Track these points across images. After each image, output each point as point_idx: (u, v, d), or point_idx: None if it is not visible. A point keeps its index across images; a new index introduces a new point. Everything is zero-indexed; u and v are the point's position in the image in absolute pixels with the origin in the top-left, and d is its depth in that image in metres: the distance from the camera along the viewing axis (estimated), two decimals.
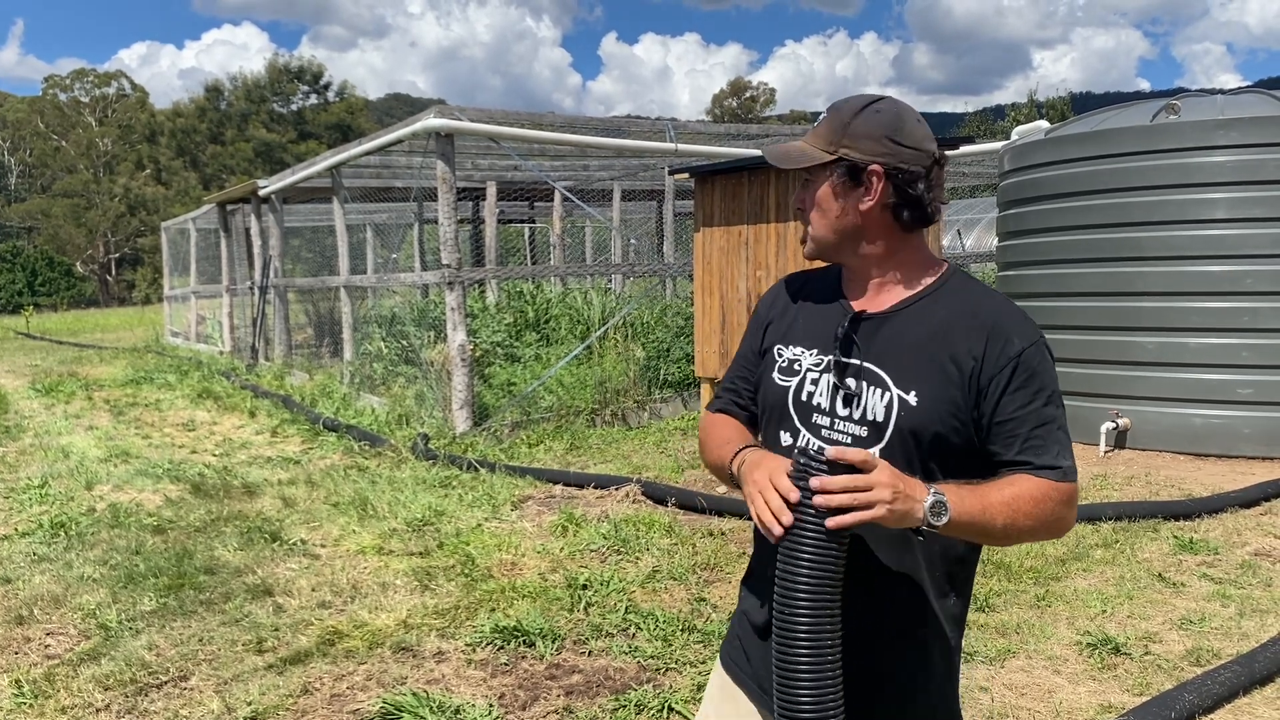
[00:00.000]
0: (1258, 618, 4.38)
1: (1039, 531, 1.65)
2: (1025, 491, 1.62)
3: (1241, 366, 7.46)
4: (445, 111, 9.39)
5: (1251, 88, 8.90)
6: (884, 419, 1.68)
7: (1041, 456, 1.64)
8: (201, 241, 21.34)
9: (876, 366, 1.71)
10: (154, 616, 4.73)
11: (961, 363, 1.65)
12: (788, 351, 1.83)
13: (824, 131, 1.74)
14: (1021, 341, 1.66)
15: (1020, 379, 1.64)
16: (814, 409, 1.76)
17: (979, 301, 1.72)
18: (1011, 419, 1.64)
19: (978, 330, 1.66)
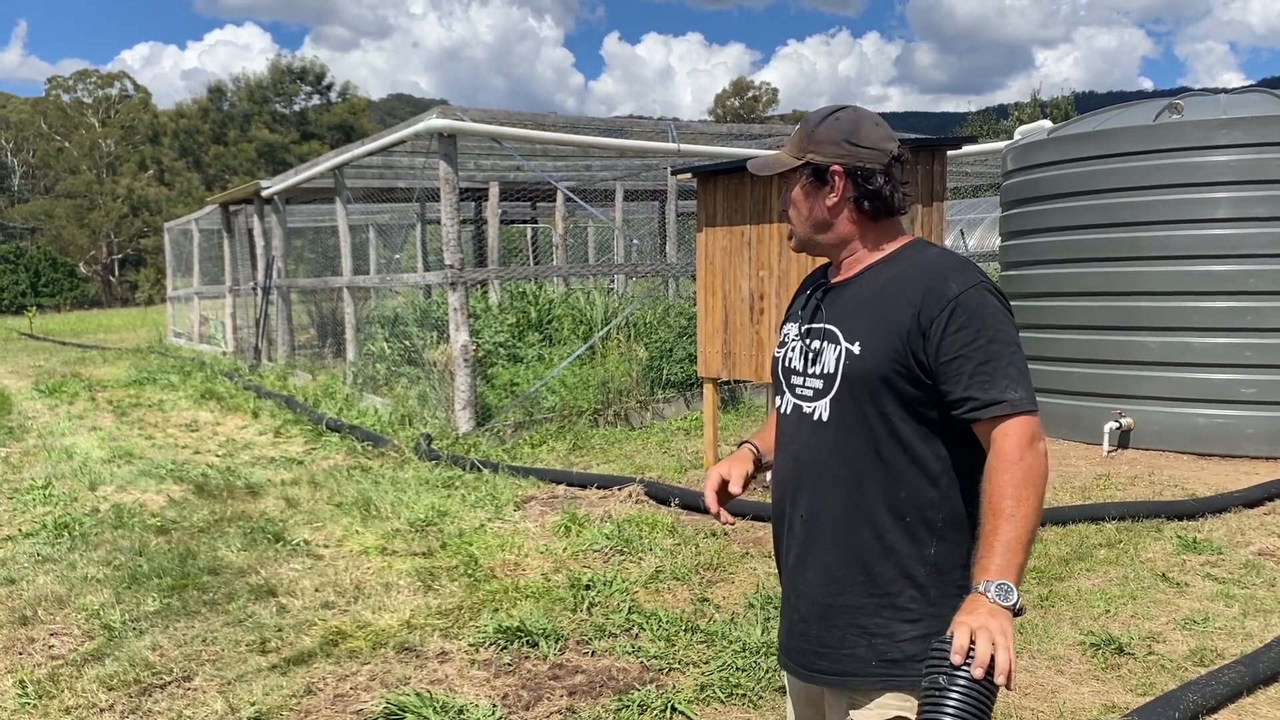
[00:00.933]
0: (1261, 617, 4.37)
1: (1041, 486, 1.73)
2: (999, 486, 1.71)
3: (1245, 366, 7.46)
4: (448, 112, 9.39)
5: (1254, 87, 8.89)
6: (834, 370, 1.90)
7: (988, 391, 1.75)
8: (204, 242, 21.35)
9: (833, 326, 1.93)
10: (157, 617, 4.74)
11: (902, 312, 1.81)
12: (786, 327, 2.10)
13: (795, 141, 1.97)
14: (959, 285, 1.80)
15: (960, 319, 1.77)
16: (791, 371, 2.01)
17: (923, 259, 1.90)
18: (956, 357, 1.76)
19: (917, 281, 1.83)
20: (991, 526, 1.70)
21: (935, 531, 1.84)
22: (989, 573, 1.66)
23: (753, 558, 5.37)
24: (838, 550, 1.88)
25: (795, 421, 1.97)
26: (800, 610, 1.95)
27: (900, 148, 1.92)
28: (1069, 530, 5.64)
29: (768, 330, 6.90)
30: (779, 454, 2.04)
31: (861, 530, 1.86)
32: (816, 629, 1.92)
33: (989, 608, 1.62)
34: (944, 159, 6.42)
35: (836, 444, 1.88)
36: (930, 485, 1.83)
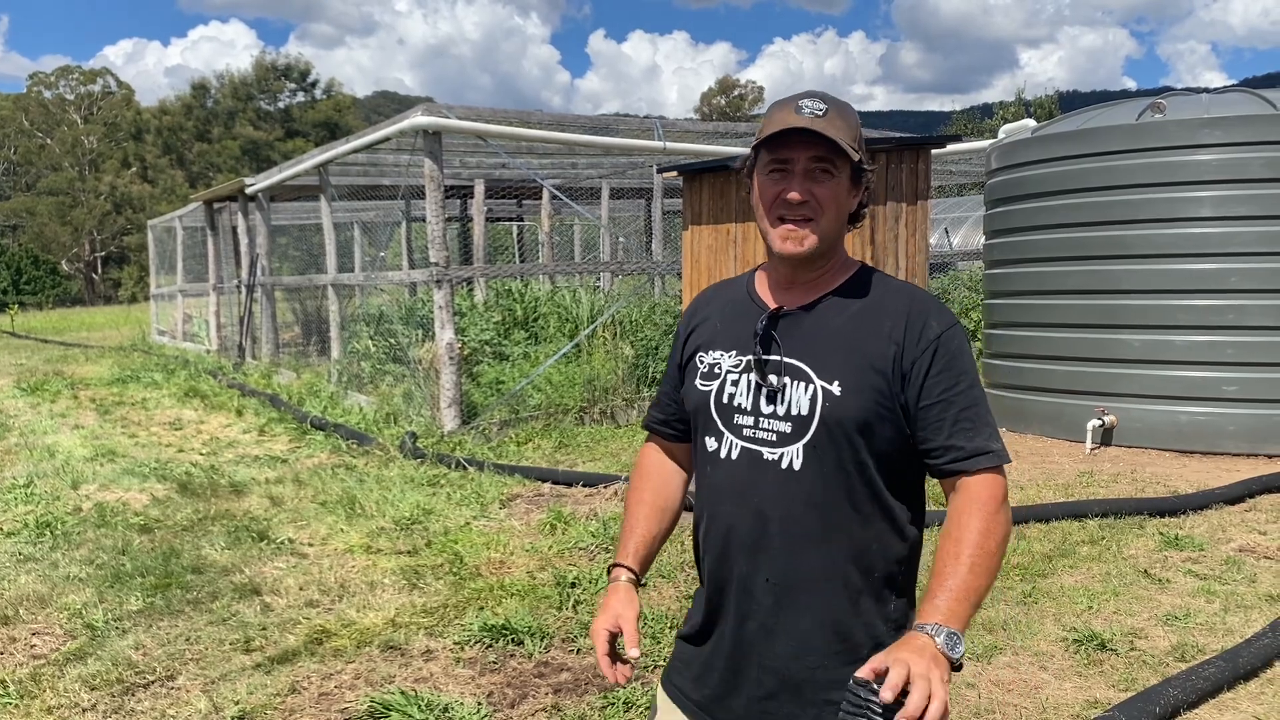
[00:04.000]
0: (1242, 613, 4.41)
1: (1002, 548, 1.62)
2: (974, 535, 1.59)
3: (1227, 364, 7.51)
4: (433, 109, 9.37)
5: (1236, 87, 8.95)
6: (808, 411, 1.67)
7: (973, 440, 1.65)
8: (188, 240, 21.24)
9: (798, 360, 1.71)
10: (141, 616, 4.71)
11: (883, 349, 1.66)
12: (708, 357, 1.82)
13: (845, 128, 1.68)
14: (939, 325, 1.68)
15: (942, 362, 1.66)
16: (735, 410, 1.75)
17: (894, 290, 1.75)
18: (938, 402, 1.65)
19: (895, 316, 1.68)
20: (951, 569, 1.57)
21: (897, 587, 1.73)
22: (939, 614, 1.52)
23: None
24: (812, 617, 1.69)
25: (747, 469, 1.72)
26: (766, 686, 1.72)
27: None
28: (1052, 527, 5.67)
29: None
30: (719, 505, 1.77)
31: (837, 593, 1.68)
32: (789, 706, 1.71)
33: (933, 653, 1.46)
34: (928, 158, 6.45)
35: (811, 497, 1.66)
36: (899, 539, 1.72)
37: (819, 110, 1.66)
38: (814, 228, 1.70)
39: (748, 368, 1.75)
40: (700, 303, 1.95)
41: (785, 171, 1.70)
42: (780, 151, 1.69)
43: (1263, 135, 7.45)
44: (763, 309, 1.78)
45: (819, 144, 1.66)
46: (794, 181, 1.69)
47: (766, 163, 1.72)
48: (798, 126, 1.65)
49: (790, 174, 1.69)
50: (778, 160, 1.70)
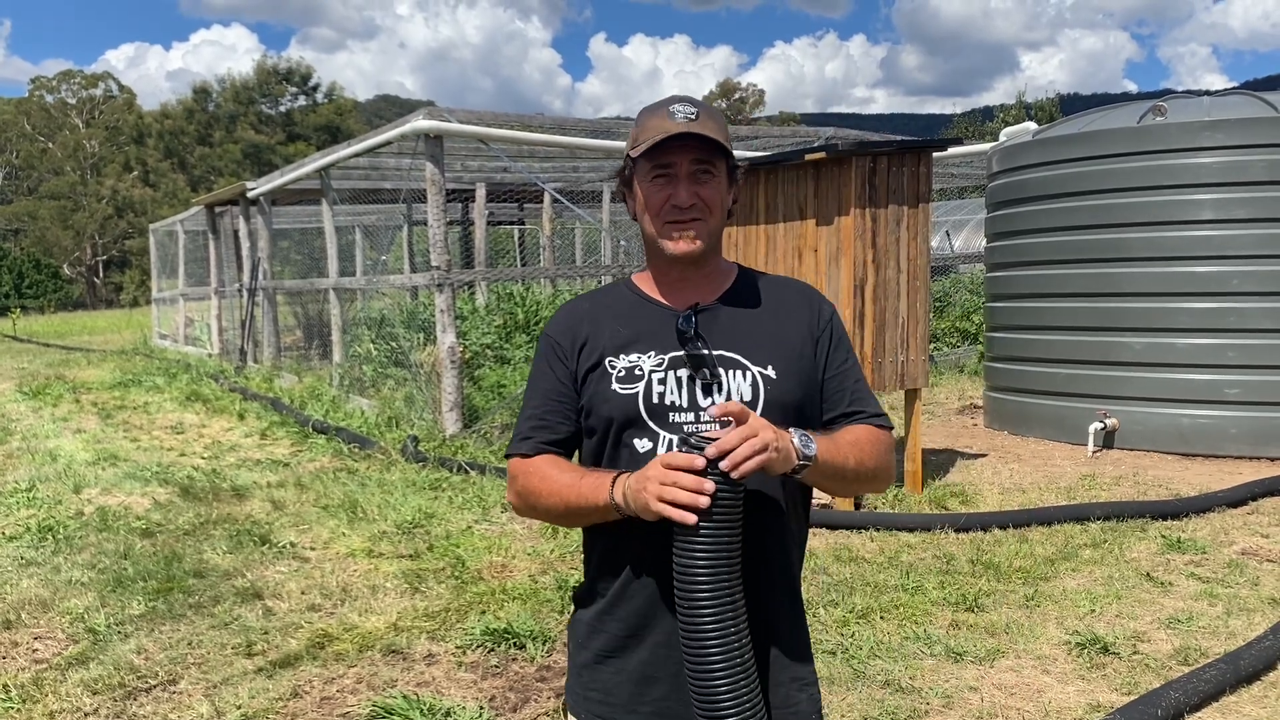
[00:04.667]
0: (1244, 616, 4.40)
1: (878, 475, 1.79)
2: (864, 436, 1.77)
3: (1228, 367, 7.50)
4: (434, 113, 9.38)
5: (1237, 89, 8.96)
6: (752, 397, 1.74)
7: (869, 405, 1.83)
8: (190, 244, 21.25)
9: (729, 351, 1.77)
10: (143, 620, 4.71)
11: (798, 332, 1.81)
12: (622, 360, 1.78)
13: (717, 128, 1.73)
14: (827, 306, 1.88)
15: (837, 337, 1.84)
16: (670, 408, 1.74)
17: (783, 282, 1.91)
18: (839, 374, 1.83)
19: (800, 301, 1.85)
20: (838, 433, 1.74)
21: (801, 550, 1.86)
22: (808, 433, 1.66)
23: None
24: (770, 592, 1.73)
25: None
26: None
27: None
28: (1054, 530, 5.66)
29: None
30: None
31: (776, 570, 1.75)
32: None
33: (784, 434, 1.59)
34: (930, 161, 6.45)
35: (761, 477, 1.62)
36: (804, 508, 1.86)
37: (691, 114, 1.72)
38: (702, 228, 1.76)
39: (674, 364, 1.75)
40: (577, 315, 1.87)
41: (669, 177, 1.73)
42: (662, 157, 1.73)
43: (1264, 138, 7.45)
44: (668, 309, 1.81)
45: (700, 146, 1.71)
46: (680, 186, 1.73)
47: (648, 170, 1.75)
48: (678, 132, 1.69)
49: (675, 178, 1.73)
50: (660, 166, 1.73)
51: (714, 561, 1.54)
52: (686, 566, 1.55)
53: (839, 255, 6.20)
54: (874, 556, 5.32)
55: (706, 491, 1.51)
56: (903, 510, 6.28)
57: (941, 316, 14.70)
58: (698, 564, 1.54)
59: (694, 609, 1.55)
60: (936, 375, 12.01)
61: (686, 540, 1.55)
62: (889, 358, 6.36)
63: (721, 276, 1.86)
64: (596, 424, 1.80)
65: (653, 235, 1.78)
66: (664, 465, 1.56)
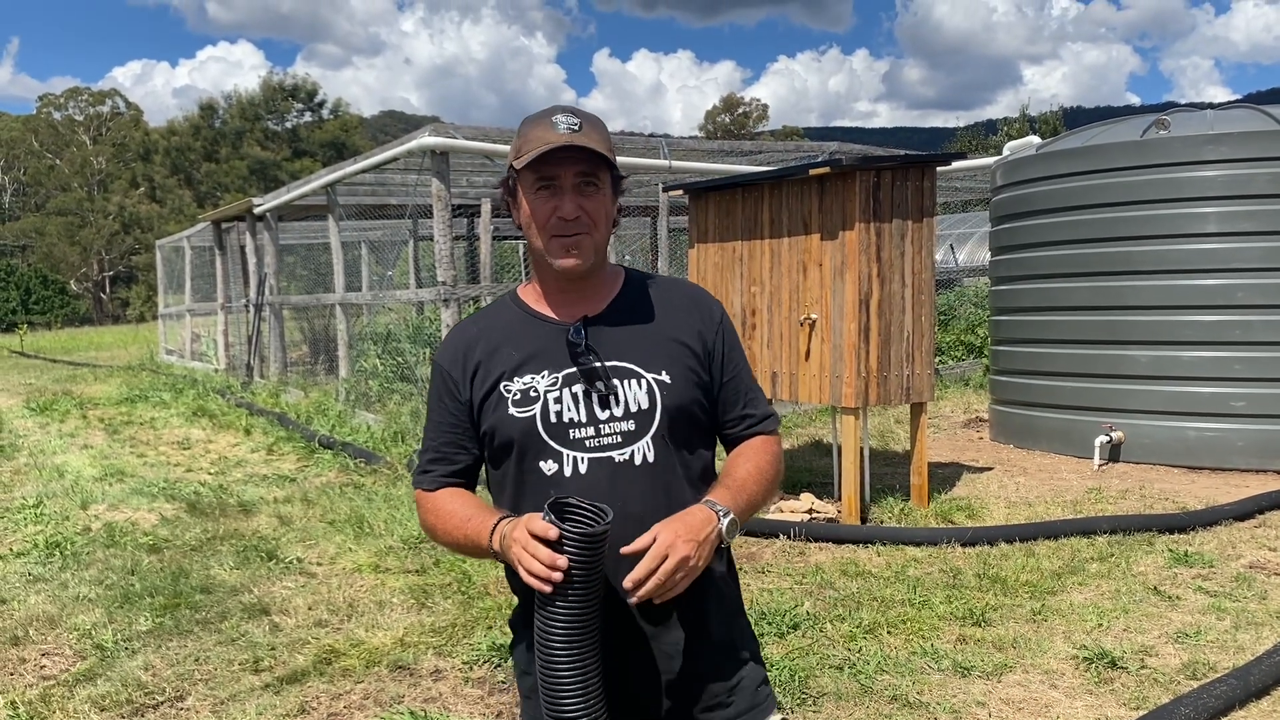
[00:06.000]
0: (1253, 630, 4.39)
1: (776, 485, 1.87)
2: (762, 456, 1.84)
3: (1234, 379, 7.50)
4: (440, 129, 9.43)
5: (1240, 103, 8.97)
6: (650, 404, 1.75)
7: (759, 407, 1.89)
8: (196, 259, 21.33)
9: (621, 361, 1.77)
10: (150, 636, 4.72)
11: (689, 336, 1.82)
12: (515, 384, 1.77)
13: (600, 139, 1.71)
14: (716, 309, 1.88)
15: (729, 340, 1.86)
16: (568, 425, 1.74)
17: (670, 285, 1.91)
18: (734, 377, 1.86)
19: (687, 306, 1.85)
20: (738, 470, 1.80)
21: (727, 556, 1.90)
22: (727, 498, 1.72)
23: (745, 573, 5.37)
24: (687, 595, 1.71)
25: (605, 477, 1.72)
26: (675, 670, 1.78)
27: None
28: (1061, 544, 5.65)
29: (760, 346, 6.92)
30: None
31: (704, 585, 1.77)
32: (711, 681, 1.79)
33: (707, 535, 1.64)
34: (933, 175, 6.47)
35: (668, 485, 1.74)
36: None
37: (574, 125, 1.69)
38: (587, 241, 1.74)
39: (568, 381, 1.75)
40: (468, 339, 1.86)
41: (553, 189, 1.72)
42: (545, 169, 1.70)
43: (1267, 151, 7.46)
44: (555, 324, 1.80)
45: (583, 159, 1.70)
46: (564, 198, 1.71)
47: (533, 182, 1.73)
48: (561, 145, 1.67)
49: (560, 191, 1.72)
50: (544, 178, 1.71)
51: (569, 630, 1.56)
52: (544, 632, 1.58)
53: (844, 270, 6.21)
54: (881, 571, 5.32)
55: (560, 567, 1.53)
56: (909, 524, 6.28)
57: (946, 330, 14.70)
58: (554, 630, 1.57)
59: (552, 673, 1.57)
60: (942, 389, 12.00)
61: (543, 607, 1.57)
62: (894, 372, 6.37)
63: (608, 284, 1.85)
64: (500, 450, 1.80)
65: (540, 249, 1.76)
66: (527, 530, 1.57)
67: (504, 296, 1.94)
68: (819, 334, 6.42)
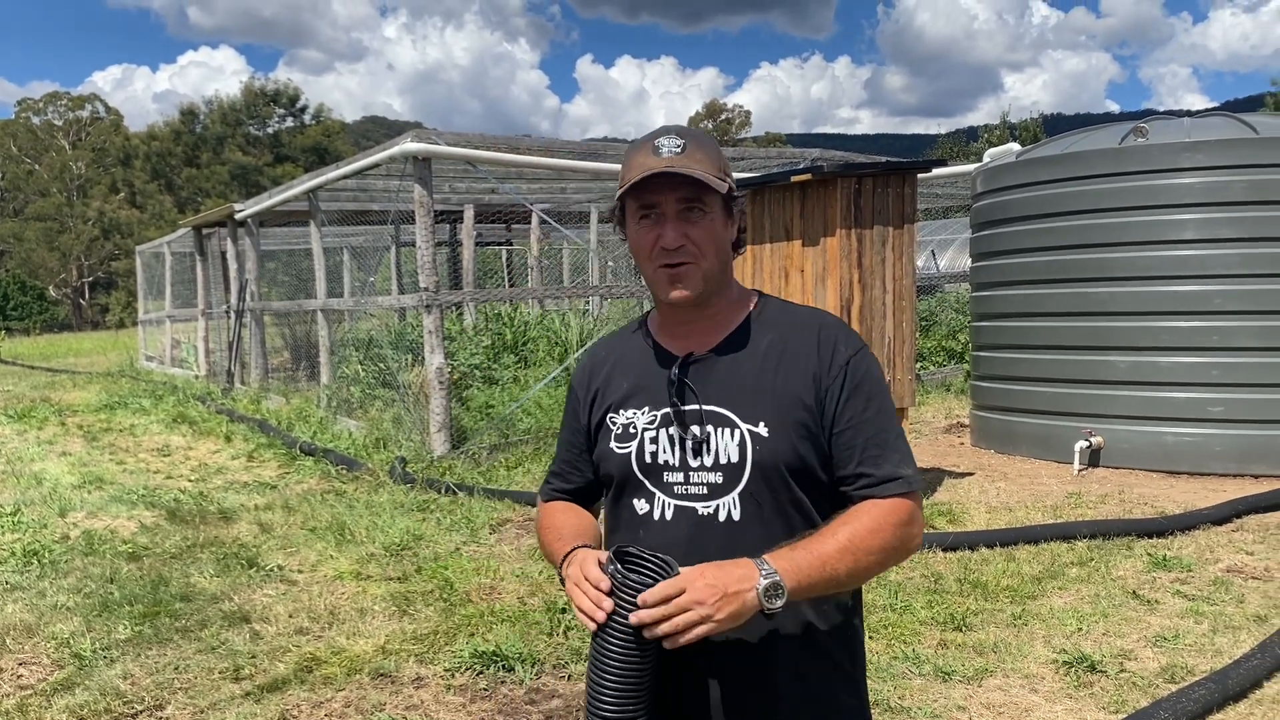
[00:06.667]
0: (1230, 634, 4.43)
1: (887, 560, 1.59)
2: (862, 526, 1.56)
3: (1212, 385, 7.56)
4: (422, 135, 9.41)
5: (1217, 110, 9.07)
6: (739, 458, 1.61)
7: (881, 467, 1.60)
8: (177, 265, 21.21)
9: (719, 407, 1.64)
10: (129, 645, 4.69)
11: (801, 382, 1.63)
12: (620, 417, 1.72)
13: (705, 159, 1.62)
14: (847, 349, 1.65)
15: (851, 385, 1.62)
16: (662, 468, 1.66)
17: (800, 318, 1.71)
18: (847, 429, 1.62)
19: (809, 345, 1.65)
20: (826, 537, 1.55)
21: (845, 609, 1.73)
22: (783, 561, 1.50)
23: None
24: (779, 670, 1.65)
25: (685, 527, 1.63)
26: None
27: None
28: (1041, 549, 5.68)
29: None
30: None
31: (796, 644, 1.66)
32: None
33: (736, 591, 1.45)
34: (914, 181, 6.50)
35: (753, 549, 1.54)
36: None
37: (676, 148, 1.60)
38: (694, 271, 1.64)
39: (665, 421, 1.67)
40: (596, 362, 1.83)
41: (655, 216, 1.63)
42: (646, 197, 1.63)
43: (1244, 159, 7.54)
44: (669, 357, 1.70)
45: (683, 184, 1.60)
46: (666, 227, 1.62)
47: (635, 210, 1.66)
48: (659, 170, 1.59)
49: (662, 218, 1.63)
50: (645, 206, 1.64)
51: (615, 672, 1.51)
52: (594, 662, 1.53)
53: (825, 276, 6.23)
54: None
55: (605, 609, 1.48)
56: None
57: (927, 335, 14.77)
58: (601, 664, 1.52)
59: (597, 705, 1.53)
60: (923, 394, 12.05)
61: (595, 638, 1.53)
62: None
63: (728, 318, 1.71)
64: (605, 481, 1.79)
65: (648, 278, 1.69)
66: (581, 571, 1.54)
67: (646, 315, 1.83)
68: None
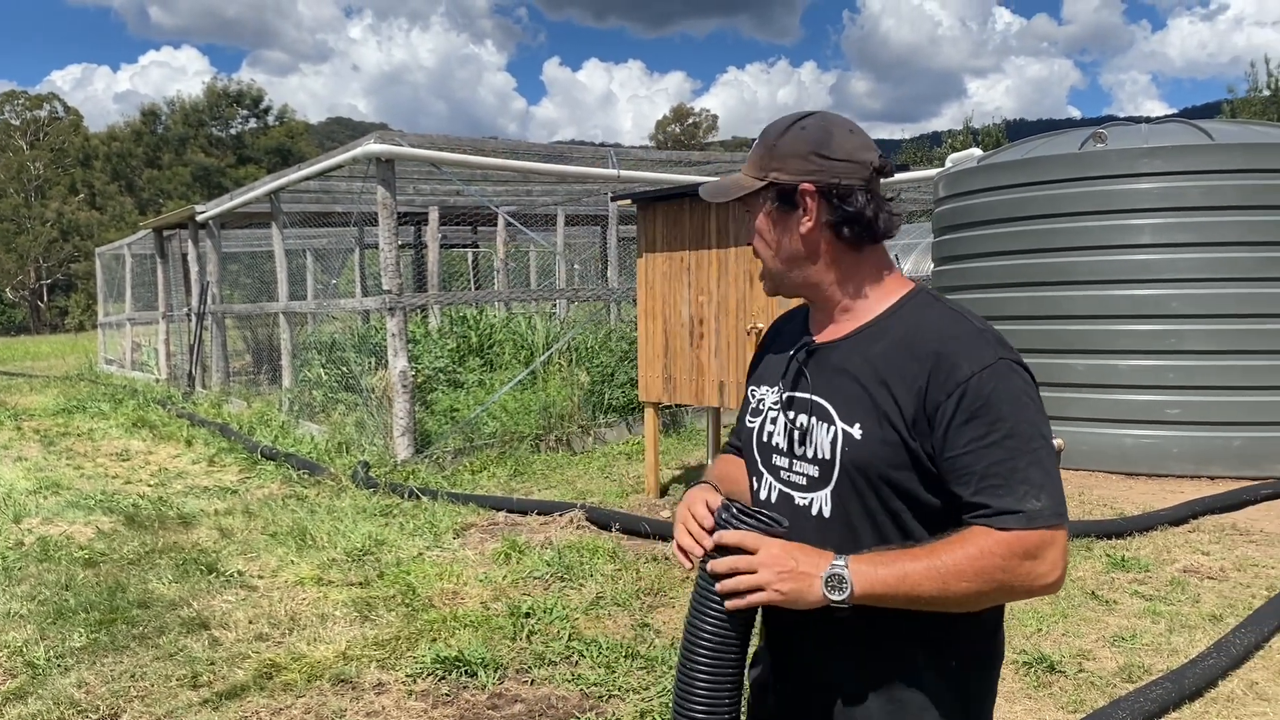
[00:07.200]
0: (1187, 633, 4.49)
1: (991, 592, 1.46)
2: (963, 552, 1.45)
3: (1169, 388, 7.67)
4: (386, 137, 9.35)
5: (1175, 117, 9.20)
6: (830, 456, 1.57)
7: (1002, 499, 1.45)
8: (137, 267, 20.93)
9: (824, 399, 1.60)
10: (84, 653, 4.61)
11: (906, 390, 1.51)
12: (758, 391, 1.76)
13: (755, 158, 1.64)
14: (970, 366, 1.47)
15: (969, 409, 1.46)
16: (773, 450, 1.68)
17: (929, 325, 1.56)
18: (964, 454, 1.46)
19: (922, 357, 1.51)
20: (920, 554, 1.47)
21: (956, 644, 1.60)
22: (864, 563, 1.47)
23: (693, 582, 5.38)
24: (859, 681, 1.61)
25: (787, 512, 1.62)
26: None
27: (882, 159, 1.62)
28: None
29: (708, 355, 6.95)
30: None
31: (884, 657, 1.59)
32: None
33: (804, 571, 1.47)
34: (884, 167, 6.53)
35: (842, 548, 1.52)
36: None
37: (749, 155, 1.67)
38: (764, 270, 1.70)
39: (784, 404, 1.67)
40: (770, 332, 1.87)
41: None
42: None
43: (1200, 165, 7.66)
44: (802, 341, 1.70)
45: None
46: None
47: None
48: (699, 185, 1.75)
49: None
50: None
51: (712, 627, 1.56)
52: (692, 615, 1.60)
53: None
54: None
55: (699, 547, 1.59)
56: None
57: None
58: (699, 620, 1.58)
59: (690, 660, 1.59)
60: None
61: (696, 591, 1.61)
62: None
63: (863, 309, 1.64)
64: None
65: None
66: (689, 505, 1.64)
67: None
68: None
